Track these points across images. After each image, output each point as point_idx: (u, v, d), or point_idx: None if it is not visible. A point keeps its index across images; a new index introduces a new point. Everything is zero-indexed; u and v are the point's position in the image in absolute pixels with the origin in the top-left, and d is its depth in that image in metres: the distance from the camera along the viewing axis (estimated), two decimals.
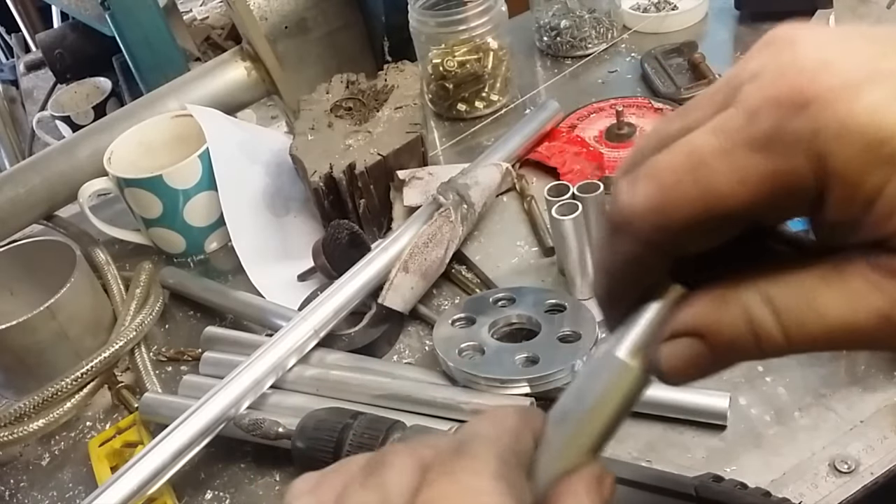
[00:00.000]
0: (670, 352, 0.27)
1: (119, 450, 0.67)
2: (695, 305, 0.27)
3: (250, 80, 0.99)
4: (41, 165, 0.90)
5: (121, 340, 0.73)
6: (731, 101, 0.25)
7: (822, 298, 0.25)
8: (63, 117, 1.55)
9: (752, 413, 0.57)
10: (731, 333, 0.26)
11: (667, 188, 0.25)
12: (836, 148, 0.23)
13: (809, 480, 0.52)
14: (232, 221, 0.83)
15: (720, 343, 0.26)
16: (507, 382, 0.59)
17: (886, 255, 0.24)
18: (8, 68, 2.10)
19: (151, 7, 1.20)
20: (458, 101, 0.96)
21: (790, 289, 0.25)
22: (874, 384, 0.57)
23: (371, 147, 0.79)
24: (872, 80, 0.23)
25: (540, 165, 0.85)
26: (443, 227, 0.72)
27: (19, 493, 0.67)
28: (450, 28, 0.91)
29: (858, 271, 0.24)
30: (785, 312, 0.25)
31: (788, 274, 0.25)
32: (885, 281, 0.24)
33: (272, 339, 0.65)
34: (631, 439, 0.57)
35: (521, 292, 0.67)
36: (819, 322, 0.25)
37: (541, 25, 1.04)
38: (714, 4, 1.04)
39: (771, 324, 0.25)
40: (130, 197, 0.84)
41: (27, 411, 0.68)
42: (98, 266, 0.83)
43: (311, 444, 0.56)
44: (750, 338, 0.26)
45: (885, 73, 0.23)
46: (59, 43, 1.61)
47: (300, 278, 0.78)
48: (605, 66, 1.00)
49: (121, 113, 0.95)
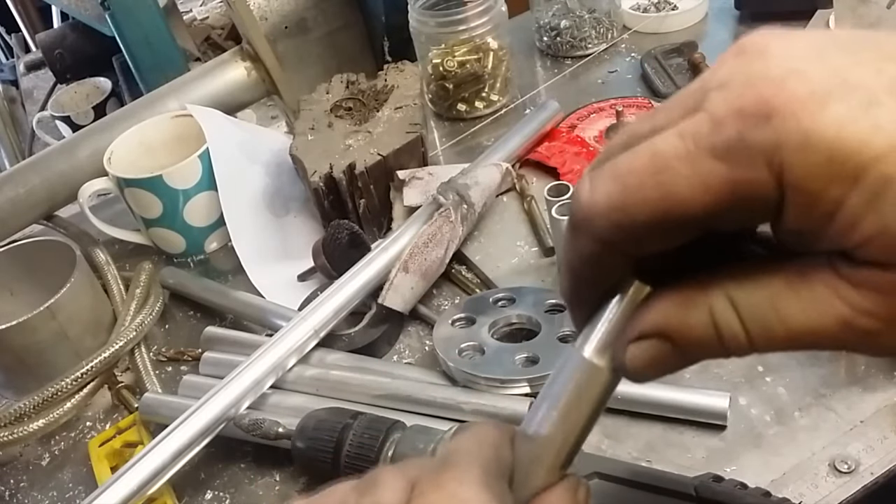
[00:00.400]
0: (637, 352, 0.27)
1: (119, 450, 0.67)
2: (661, 306, 0.27)
3: (250, 80, 0.99)
4: (41, 165, 0.90)
5: (121, 340, 0.73)
6: (699, 106, 0.25)
7: (785, 303, 0.25)
8: (63, 117, 1.55)
9: (752, 413, 0.57)
10: (696, 335, 0.26)
11: (628, 189, 0.25)
12: (797, 160, 0.23)
13: (809, 480, 0.52)
14: (232, 221, 0.83)
15: (686, 344, 0.27)
16: (507, 382, 0.59)
17: (850, 264, 0.24)
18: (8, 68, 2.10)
19: (151, 7, 1.20)
20: (458, 101, 0.96)
21: (755, 293, 0.25)
22: (874, 384, 0.57)
23: (371, 147, 0.79)
24: (839, 93, 0.23)
25: (540, 165, 0.85)
26: (443, 227, 0.72)
27: (19, 493, 0.67)
28: (450, 28, 0.91)
29: (823, 278, 0.25)
30: (749, 316, 0.25)
31: (755, 277, 0.26)
32: (848, 290, 0.24)
33: (272, 339, 0.65)
34: (631, 439, 0.57)
35: (521, 292, 0.67)
36: (782, 326, 0.25)
37: (541, 25, 1.04)
38: (714, 4, 1.04)
39: (735, 326, 0.26)
40: (130, 197, 0.84)
41: (27, 411, 0.68)
42: (98, 266, 0.83)
43: (311, 444, 0.56)
44: (714, 339, 0.26)
45: (853, 85, 0.23)
46: (59, 43, 1.61)
47: (300, 278, 0.78)
48: (605, 66, 1.00)
49: (121, 113, 0.95)
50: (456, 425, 0.53)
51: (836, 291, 0.24)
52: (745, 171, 0.24)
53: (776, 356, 0.60)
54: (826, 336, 0.25)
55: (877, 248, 0.23)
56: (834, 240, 0.24)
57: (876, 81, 0.23)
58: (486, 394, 0.60)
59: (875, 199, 0.23)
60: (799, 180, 0.23)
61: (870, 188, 0.23)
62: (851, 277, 0.24)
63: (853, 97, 0.23)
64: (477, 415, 0.58)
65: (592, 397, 0.29)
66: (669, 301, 0.27)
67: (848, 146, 0.23)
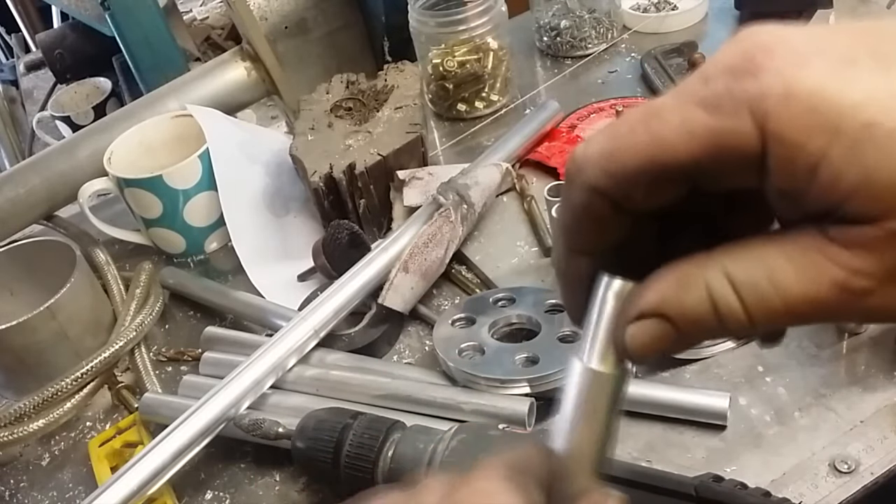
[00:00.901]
0: (636, 333, 0.27)
1: (119, 450, 0.67)
2: (658, 286, 0.27)
3: (250, 80, 0.99)
4: (41, 165, 0.90)
5: (121, 340, 0.73)
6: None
7: (781, 274, 0.25)
8: (63, 117, 1.54)
9: (752, 413, 0.57)
10: (694, 313, 0.26)
11: (619, 136, 0.26)
12: (780, 110, 0.24)
13: (809, 480, 0.52)
14: (232, 221, 0.83)
15: (684, 322, 0.27)
16: (507, 382, 0.59)
17: (837, 225, 0.24)
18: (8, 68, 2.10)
19: (151, 7, 1.19)
20: (458, 101, 0.96)
21: (751, 266, 0.26)
22: (874, 384, 0.57)
23: (371, 147, 0.79)
24: (821, 54, 0.24)
25: (540, 165, 0.85)
26: (443, 227, 0.72)
27: (19, 493, 0.67)
28: (450, 28, 0.91)
29: (815, 244, 0.25)
30: (745, 289, 0.25)
31: (750, 251, 0.26)
32: (839, 252, 0.24)
33: (272, 339, 0.65)
34: (631, 439, 0.57)
35: (521, 292, 0.67)
36: (779, 297, 0.25)
37: (541, 25, 1.04)
38: (714, 4, 1.04)
39: (732, 301, 0.26)
40: (130, 197, 0.84)
41: (27, 411, 0.68)
42: (98, 266, 0.83)
43: (311, 444, 0.56)
44: (712, 316, 0.26)
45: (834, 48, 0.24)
46: (59, 43, 1.61)
47: (300, 278, 0.78)
48: (605, 66, 1.00)
49: (121, 113, 0.95)
50: (456, 425, 0.53)
51: (828, 255, 0.24)
52: (730, 119, 0.24)
53: (776, 356, 0.60)
54: (823, 303, 0.25)
55: (861, 200, 0.23)
56: (820, 197, 0.24)
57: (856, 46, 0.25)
58: (486, 394, 0.60)
59: (855, 148, 0.23)
60: (781, 130, 0.24)
61: (850, 137, 0.23)
62: (842, 238, 0.24)
63: (834, 56, 0.24)
64: (477, 415, 0.58)
65: (604, 404, 0.30)
66: (666, 280, 0.27)
67: (828, 97, 0.23)
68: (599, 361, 0.29)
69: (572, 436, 0.30)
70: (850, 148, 0.23)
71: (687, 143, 0.25)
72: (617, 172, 0.26)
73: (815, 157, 0.24)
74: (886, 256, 0.24)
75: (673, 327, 0.27)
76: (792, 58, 0.24)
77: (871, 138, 0.23)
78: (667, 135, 0.25)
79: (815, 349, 0.60)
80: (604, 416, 0.30)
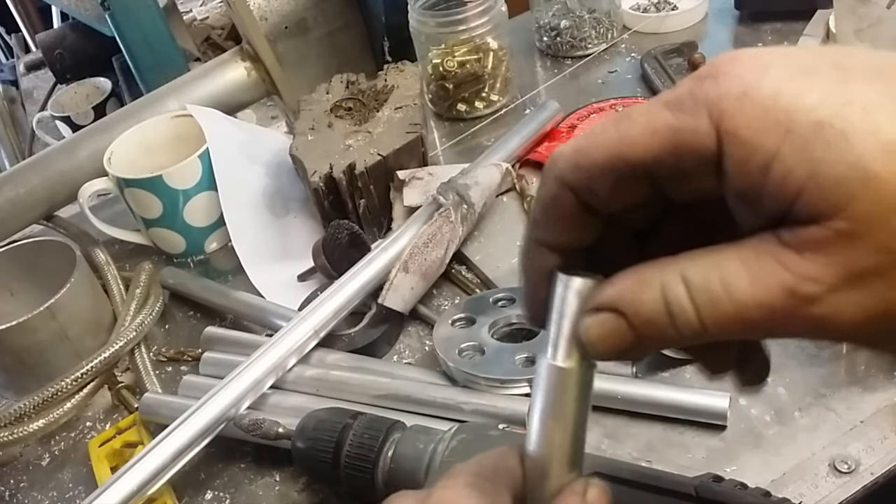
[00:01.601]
0: (592, 324, 0.28)
1: (119, 450, 0.67)
2: (617, 283, 0.28)
3: (250, 80, 0.99)
4: (41, 165, 0.90)
5: (121, 340, 0.73)
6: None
7: (734, 277, 0.25)
8: (63, 117, 1.54)
9: (752, 413, 0.57)
10: (648, 312, 0.27)
11: (591, 135, 0.28)
12: (735, 110, 0.25)
13: (809, 480, 0.52)
14: (232, 221, 0.83)
15: (639, 321, 0.27)
16: (507, 382, 0.59)
17: (790, 229, 0.25)
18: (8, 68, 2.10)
19: (151, 7, 1.20)
20: (458, 101, 0.96)
21: (706, 269, 0.26)
22: (874, 384, 0.57)
23: (371, 147, 0.79)
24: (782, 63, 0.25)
25: (540, 165, 0.85)
26: (443, 228, 0.72)
27: (19, 493, 0.67)
28: (450, 28, 0.91)
29: (769, 249, 0.25)
30: (698, 292, 0.26)
31: (708, 256, 0.26)
32: (790, 256, 0.24)
33: (272, 339, 0.65)
34: (631, 439, 0.57)
35: (521, 292, 0.67)
36: (731, 301, 0.25)
37: (541, 25, 1.04)
38: (714, 4, 1.04)
39: (685, 303, 0.26)
40: (130, 197, 0.84)
41: (27, 411, 0.68)
42: (98, 266, 0.83)
43: (311, 444, 0.56)
44: (666, 318, 0.26)
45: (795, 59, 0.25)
46: (59, 43, 1.61)
47: (300, 278, 0.78)
48: (605, 67, 1.00)
49: (121, 113, 0.95)
50: (456, 425, 0.53)
51: (780, 259, 0.25)
52: (689, 119, 0.26)
53: (776, 356, 0.60)
54: (773, 309, 0.25)
55: (809, 197, 0.24)
56: (774, 196, 0.24)
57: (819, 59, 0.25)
58: (486, 394, 0.60)
59: (806, 146, 0.24)
60: (735, 129, 0.25)
61: (800, 136, 0.24)
62: (794, 242, 0.24)
63: (795, 66, 0.25)
64: (477, 415, 0.58)
65: (572, 399, 0.30)
66: (626, 279, 0.28)
67: (783, 98, 0.24)
68: (565, 358, 0.30)
69: (543, 434, 0.31)
70: (800, 146, 0.24)
71: (648, 141, 0.26)
72: (584, 166, 0.28)
73: (767, 155, 0.24)
74: (835, 260, 0.24)
75: (628, 325, 0.27)
76: (753, 65, 0.25)
77: (821, 137, 0.23)
78: (632, 133, 0.27)
79: (815, 349, 0.60)
80: (573, 412, 0.30)
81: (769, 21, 0.97)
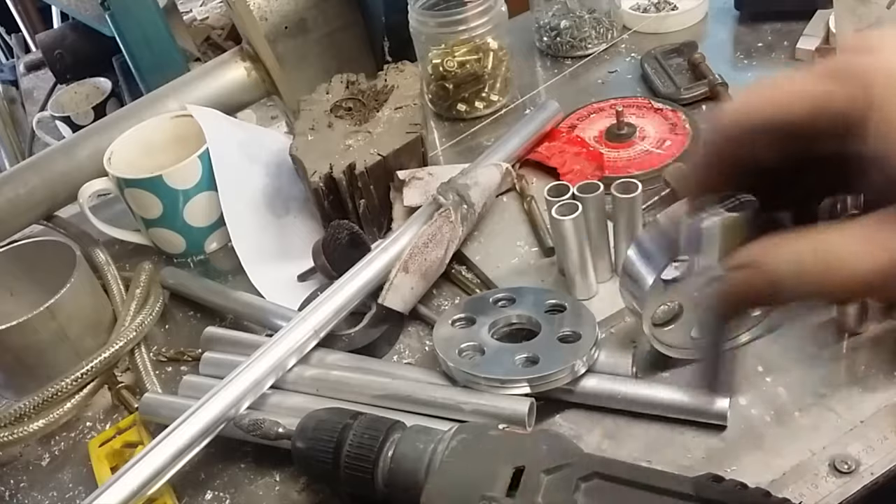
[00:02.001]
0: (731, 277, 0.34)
1: (119, 450, 0.67)
2: (763, 241, 0.33)
3: (250, 80, 0.99)
4: (41, 165, 0.90)
5: (121, 341, 0.73)
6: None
7: (858, 245, 0.30)
8: (63, 117, 1.55)
9: (752, 413, 0.57)
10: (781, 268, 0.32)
11: (754, 95, 0.34)
12: (884, 83, 0.30)
13: (809, 480, 0.52)
14: (232, 221, 0.83)
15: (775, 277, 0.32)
16: (507, 382, 0.59)
17: None
18: (8, 68, 2.10)
19: (151, 7, 1.20)
20: (458, 101, 0.96)
21: (835, 237, 0.31)
22: (874, 384, 0.57)
23: (371, 147, 0.79)
24: None
25: (540, 165, 0.85)
26: (443, 228, 0.72)
27: (19, 493, 0.67)
28: (450, 28, 0.91)
29: (891, 219, 0.30)
30: (823, 257, 0.31)
31: (840, 227, 0.31)
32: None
33: (272, 339, 0.65)
34: (631, 439, 0.57)
35: (521, 292, 0.67)
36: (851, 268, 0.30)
37: (541, 25, 1.04)
38: (714, 4, 1.04)
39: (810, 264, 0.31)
40: (130, 197, 0.84)
41: (27, 411, 0.68)
42: (98, 266, 0.83)
43: (311, 444, 0.56)
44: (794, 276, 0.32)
45: None
46: (59, 43, 1.61)
47: (300, 278, 0.78)
48: (605, 67, 1.00)
49: (121, 113, 0.95)
50: (456, 425, 0.53)
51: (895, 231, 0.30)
52: (841, 86, 0.31)
53: (776, 356, 0.60)
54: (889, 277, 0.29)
55: None
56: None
57: None
58: (486, 394, 0.60)
59: None
60: (883, 99, 0.30)
61: None
62: None
63: None
64: (477, 415, 0.58)
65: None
66: (770, 240, 0.33)
67: None
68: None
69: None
70: None
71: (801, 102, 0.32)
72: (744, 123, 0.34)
73: None
74: None
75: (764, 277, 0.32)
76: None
77: None
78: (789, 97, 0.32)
79: (815, 349, 0.60)
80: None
81: (769, 21, 0.97)
